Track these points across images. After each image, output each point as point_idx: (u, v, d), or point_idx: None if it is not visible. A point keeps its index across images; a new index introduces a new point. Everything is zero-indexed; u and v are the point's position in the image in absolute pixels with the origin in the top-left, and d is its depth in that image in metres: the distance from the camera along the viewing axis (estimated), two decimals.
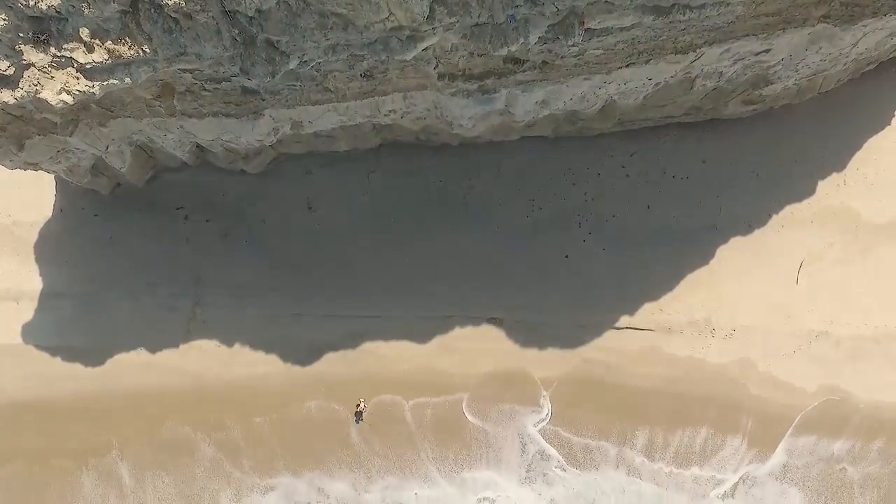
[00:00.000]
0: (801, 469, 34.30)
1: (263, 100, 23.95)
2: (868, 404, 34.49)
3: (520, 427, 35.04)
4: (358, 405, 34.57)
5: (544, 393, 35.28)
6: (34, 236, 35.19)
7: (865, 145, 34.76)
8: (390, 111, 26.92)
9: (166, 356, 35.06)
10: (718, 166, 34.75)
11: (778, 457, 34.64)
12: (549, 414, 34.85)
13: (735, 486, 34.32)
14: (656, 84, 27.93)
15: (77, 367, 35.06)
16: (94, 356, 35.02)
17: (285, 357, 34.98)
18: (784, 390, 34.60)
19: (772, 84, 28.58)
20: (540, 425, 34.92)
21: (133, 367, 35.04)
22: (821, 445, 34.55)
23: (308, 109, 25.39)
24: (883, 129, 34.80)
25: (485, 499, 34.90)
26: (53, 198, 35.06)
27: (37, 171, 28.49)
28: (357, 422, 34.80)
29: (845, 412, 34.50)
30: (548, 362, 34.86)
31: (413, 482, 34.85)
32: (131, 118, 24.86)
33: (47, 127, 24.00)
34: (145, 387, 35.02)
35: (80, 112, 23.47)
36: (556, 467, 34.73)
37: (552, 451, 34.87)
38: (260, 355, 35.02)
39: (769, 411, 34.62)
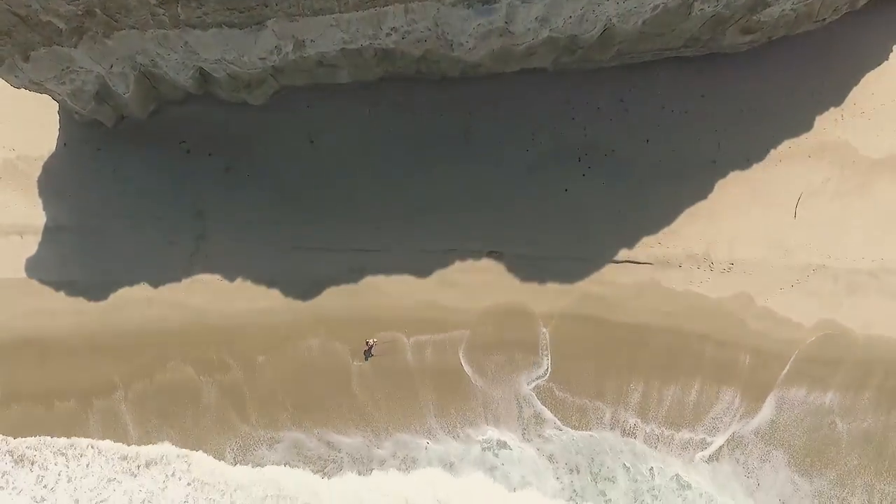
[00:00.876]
0: (790, 425, 34.42)
1: (266, 6, 24.21)
2: (865, 338, 34.77)
3: (516, 388, 35.16)
4: (368, 342, 34.81)
5: (543, 330, 35.48)
6: (38, 171, 35.43)
7: (863, 80, 35.05)
8: (392, 29, 27.16)
9: (168, 290, 35.28)
10: (717, 101, 35.05)
11: (767, 410, 34.75)
12: (548, 369, 35.04)
13: (720, 449, 34.47)
14: (654, 7, 28.17)
15: (80, 302, 35.26)
16: (96, 290, 35.23)
17: (287, 291, 35.21)
18: (782, 325, 34.88)
19: (769, 7, 28.81)
20: (535, 383, 35.04)
21: (135, 301, 35.25)
22: (811, 398, 34.77)
23: (310, 23, 25.62)
24: (881, 65, 35.10)
25: (486, 443, 34.97)
26: (57, 132, 35.30)
27: (42, 92, 28.71)
28: (366, 358, 35.05)
29: (842, 347, 34.78)
30: (547, 296, 35.11)
31: (419, 436, 34.94)
32: (136, 30, 25.08)
33: (52, 36, 24.22)
34: (148, 322, 35.16)
35: (85, 18, 23.69)
36: (552, 428, 34.87)
37: (548, 413, 35.00)
38: (262, 290, 35.25)
39: (766, 347, 34.85)
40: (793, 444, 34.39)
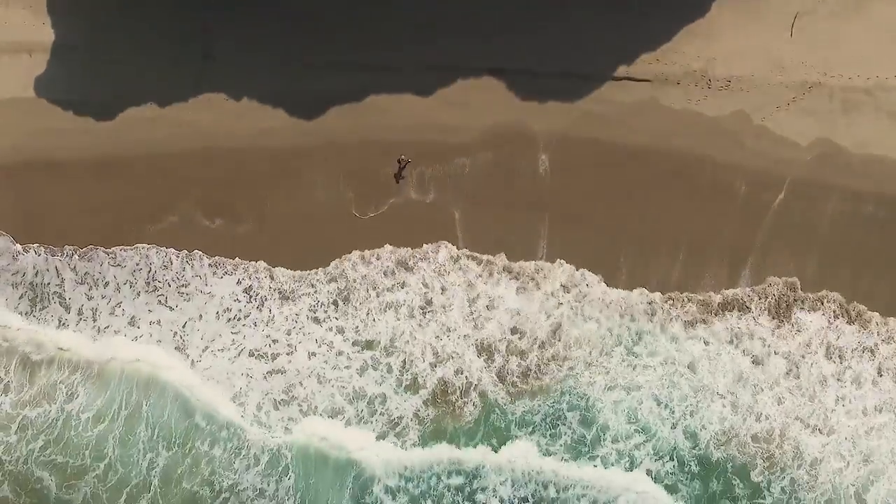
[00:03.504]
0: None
1: None
2: (860, 158, 35.14)
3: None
4: (400, 159, 35.08)
5: (542, 157, 35.97)
6: None
7: None
8: None
9: (176, 110, 35.87)
10: None
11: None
12: (545, 246, 35.32)
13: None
14: None
15: (88, 122, 35.88)
16: (104, 110, 35.81)
17: (292, 111, 35.76)
18: (779, 144, 35.25)
19: None
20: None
21: (143, 121, 35.85)
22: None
23: None
24: None
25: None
26: None
27: None
28: (398, 181, 35.44)
29: (836, 167, 35.10)
30: (548, 115, 35.59)
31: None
32: None
33: None
34: (155, 143, 35.73)
35: None
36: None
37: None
38: (267, 109, 35.81)
39: (763, 169, 35.09)
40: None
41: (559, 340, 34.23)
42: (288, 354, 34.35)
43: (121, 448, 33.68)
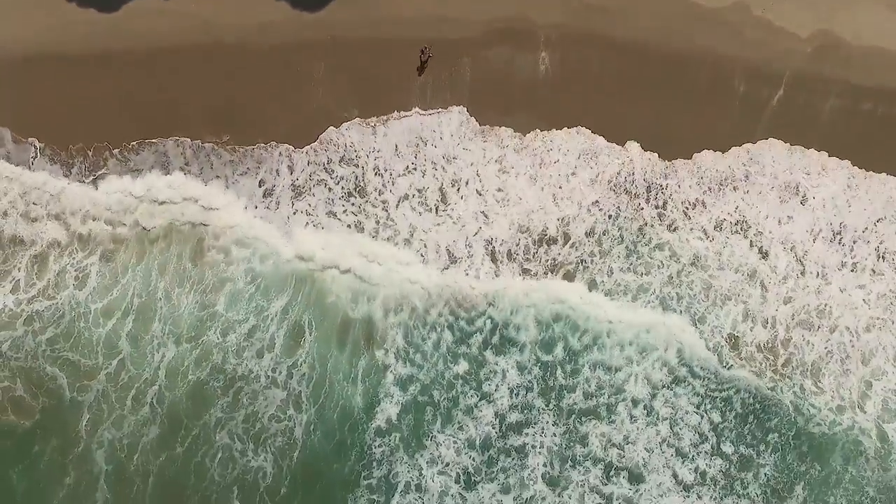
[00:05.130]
0: None
1: None
2: (859, 50, 35.46)
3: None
4: (423, 50, 35.32)
5: (543, 54, 36.24)
6: None
7: None
8: None
9: (178, 1, 35.84)
10: None
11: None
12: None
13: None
14: None
15: (91, 13, 35.64)
16: (108, 0, 35.79)
17: (295, 2, 35.83)
18: (778, 35, 35.66)
19: None
20: None
21: (146, 12, 35.67)
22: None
23: None
24: None
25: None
26: None
27: None
28: (420, 73, 35.66)
29: (836, 59, 35.47)
30: (548, 6, 35.90)
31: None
32: None
33: None
34: (158, 36, 35.63)
35: None
36: None
37: None
38: (269, 1, 35.90)
39: (763, 61, 35.52)
40: None
41: (567, 242, 35.12)
42: None
43: (132, 346, 34.09)
